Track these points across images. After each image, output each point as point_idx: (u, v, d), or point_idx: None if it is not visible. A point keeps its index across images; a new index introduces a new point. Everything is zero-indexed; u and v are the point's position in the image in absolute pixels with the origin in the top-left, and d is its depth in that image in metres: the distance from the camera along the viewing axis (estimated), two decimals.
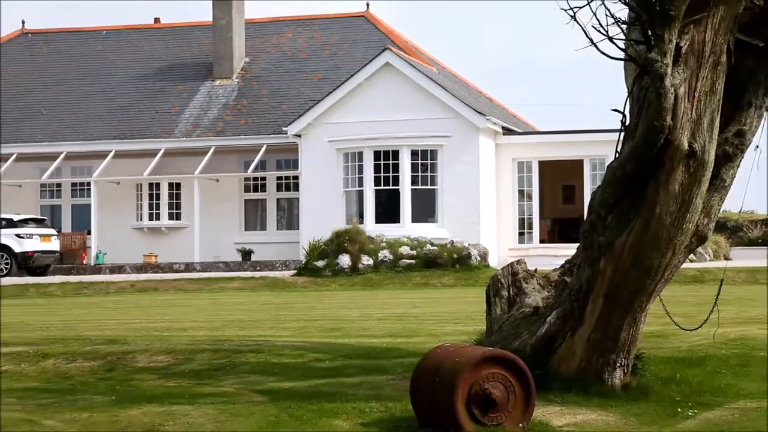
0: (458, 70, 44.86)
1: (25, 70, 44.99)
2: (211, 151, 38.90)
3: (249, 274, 33.52)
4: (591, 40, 9.91)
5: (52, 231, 37.85)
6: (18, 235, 35.76)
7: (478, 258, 32.78)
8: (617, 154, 10.64)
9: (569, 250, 12.87)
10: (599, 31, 9.96)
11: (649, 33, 9.93)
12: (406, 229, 34.44)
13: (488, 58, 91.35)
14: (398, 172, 35.25)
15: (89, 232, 39.67)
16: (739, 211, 41.91)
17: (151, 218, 40.23)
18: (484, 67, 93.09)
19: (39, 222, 37.61)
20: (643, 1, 9.78)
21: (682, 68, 9.95)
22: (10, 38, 47.20)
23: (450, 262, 32.44)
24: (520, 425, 9.14)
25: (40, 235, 36.50)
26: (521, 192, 36.78)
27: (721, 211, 11.27)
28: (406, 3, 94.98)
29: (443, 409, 9.03)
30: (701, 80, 10.11)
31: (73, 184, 41.51)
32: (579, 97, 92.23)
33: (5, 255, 35.47)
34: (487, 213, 35.42)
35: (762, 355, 11.79)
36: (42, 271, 36.43)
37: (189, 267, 36.58)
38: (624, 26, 10.51)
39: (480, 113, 35.72)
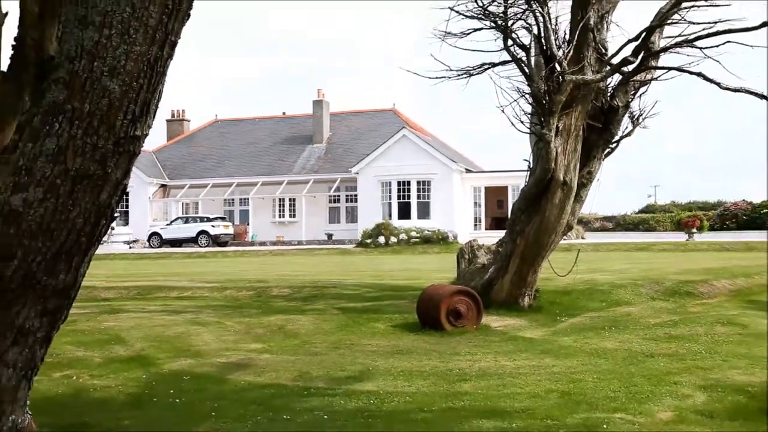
0: (442, 136, 44.59)
1: (217, 141, 45.10)
2: (311, 181, 39.00)
3: (331, 246, 33.55)
4: (512, 123, 9.94)
5: (229, 223, 38.12)
6: (212, 225, 36.28)
7: (453, 238, 32.64)
8: (526, 183, 10.65)
9: (501, 233, 12.84)
10: (517, 117, 10.01)
11: (542, 119, 9.94)
12: (414, 222, 34.37)
13: (459, 128, 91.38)
14: (410, 192, 35.26)
15: (248, 224, 39.91)
16: (589, 213, 41.80)
17: (279, 216, 40.34)
18: (457, 133, 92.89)
19: (222, 218, 37.93)
20: (539, 103, 9.80)
21: (559, 138, 9.95)
22: (211, 124, 47.43)
23: (437, 241, 32.33)
24: (474, 326, 9.16)
25: (223, 225, 36.85)
26: (475, 203, 36.67)
27: (579, 213, 11.24)
28: (416, 104, 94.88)
29: (434, 317, 9.07)
30: (569, 144, 10.10)
31: (240, 199, 41.66)
32: (506, 152, 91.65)
33: (206, 236, 36.00)
34: (458, 214, 35.30)
35: (600, 289, 11.73)
36: (224, 244, 36.62)
37: (299, 243, 36.68)
38: (529, 115, 10.54)
39: (453, 161, 35.66)
